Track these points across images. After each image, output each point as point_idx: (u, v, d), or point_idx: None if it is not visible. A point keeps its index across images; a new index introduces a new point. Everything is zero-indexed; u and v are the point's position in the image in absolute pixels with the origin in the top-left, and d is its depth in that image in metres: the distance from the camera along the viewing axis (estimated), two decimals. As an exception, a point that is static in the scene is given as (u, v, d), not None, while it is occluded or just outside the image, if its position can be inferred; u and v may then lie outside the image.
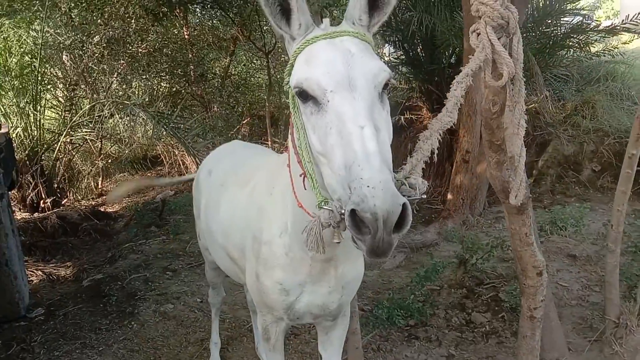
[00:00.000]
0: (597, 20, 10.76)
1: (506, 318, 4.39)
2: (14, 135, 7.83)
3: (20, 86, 8.27)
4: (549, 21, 7.67)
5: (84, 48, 8.77)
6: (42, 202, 8.43)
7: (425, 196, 1.61)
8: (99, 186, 10.42)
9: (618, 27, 7.77)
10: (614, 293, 3.61)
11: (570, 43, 8.05)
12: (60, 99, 9.44)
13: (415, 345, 4.13)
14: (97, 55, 8.82)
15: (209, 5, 9.12)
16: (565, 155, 7.26)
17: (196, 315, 4.80)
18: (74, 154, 9.63)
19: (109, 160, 10.28)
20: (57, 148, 8.67)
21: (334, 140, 1.43)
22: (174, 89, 10.50)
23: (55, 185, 8.99)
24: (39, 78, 8.37)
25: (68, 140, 8.91)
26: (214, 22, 9.79)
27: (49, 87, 9.11)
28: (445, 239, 6.12)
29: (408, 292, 4.72)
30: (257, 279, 2.19)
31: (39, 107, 8.44)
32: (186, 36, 10.34)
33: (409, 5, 7.21)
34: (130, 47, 9.44)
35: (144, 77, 10.00)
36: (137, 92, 9.87)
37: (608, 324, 3.72)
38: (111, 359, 4.16)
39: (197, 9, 10.00)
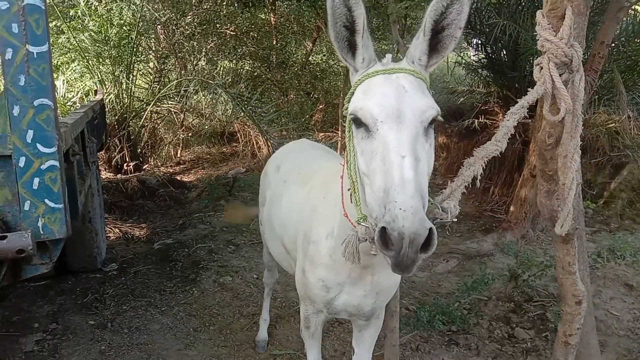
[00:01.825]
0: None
1: (549, 338, 4.40)
2: (107, 101, 8.46)
3: (117, 55, 8.88)
4: (646, 37, 7.33)
5: (177, 24, 9.29)
6: (125, 165, 9.10)
7: (456, 219, 1.78)
8: (178, 155, 11.07)
9: None
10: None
11: (665, 62, 7.65)
12: (150, 70, 10.06)
13: (454, 350, 4.25)
14: (188, 33, 9.31)
15: (296, -2, 9.38)
16: (640, 180, 7.01)
17: (251, 290, 5.14)
18: (158, 123, 10.26)
19: (190, 133, 10.87)
20: (144, 116, 9.29)
21: (377, 165, 1.61)
22: (255, 73, 10.89)
23: (139, 151, 9.65)
24: (134, 49, 8.97)
25: (154, 109, 9.52)
26: (302, 9, 10.00)
27: (142, 58, 9.74)
28: (501, 250, 6.12)
29: (453, 299, 4.83)
30: (303, 273, 2.43)
31: (131, 77, 9.06)
32: (273, 21, 10.68)
33: (494, 11, 7.12)
34: (219, 28, 9.88)
35: (228, 58, 10.44)
36: (221, 73, 10.33)
37: (651, 361, 3.68)
38: (171, 319, 4.57)
39: (285, 1, 10.28)
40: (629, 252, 4.53)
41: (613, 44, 6.70)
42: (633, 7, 6.92)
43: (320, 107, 11.71)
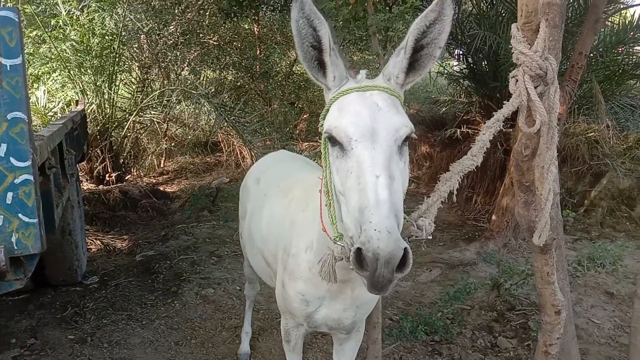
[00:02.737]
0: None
1: (532, 347, 4.42)
2: (88, 111, 8.38)
3: (99, 65, 8.81)
4: (621, 49, 7.46)
5: (160, 34, 9.26)
6: (107, 175, 9.00)
7: (431, 237, 1.78)
8: (161, 165, 11.00)
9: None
10: (639, 339, 3.59)
11: (641, 73, 7.79)
12: (133, 80, 10.01)
13: (436, 360, 4.25)
14: (171, 42, 9.29)
15: (278, 8, 9.40)
16: (620, 188, 7.09)
17: (233, 303, 5.10)
18: (141, 133, 10.19)
19: (173, 143, 10.81)
20: (127, 126, 9.22)
21: (352, 184, 1.60)
22: (239, 83, 10.88)
23: (121, 161, 9.56)
24: (117, 59, 8.91)
25: (137, 119, 9.45)
26: (285, 19, 10.04)
27: (124, 67, 9.69)
28: (484, 259, 6.15)
29: (436, 309, 4.83)
30: (283, 287, 2.41)
31: (113, 87, 9.00)
32: (256, 31, 10.69)
33: (475, 22, 7.21)
34: (202, 38, 9.87)
35: (211, 68, 10.42)
36: (204, 83, 10.30)
37: (631, 369, 3.71)
38: (152, 333, 4.51)
39: (268, 12, 10.31)
40: (608, 260, 4.58)
41: (591, 55, 6.80)
42: (609, 19, 7.05)
43: (305, 116, 11.73)
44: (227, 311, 4.93)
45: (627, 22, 7.27)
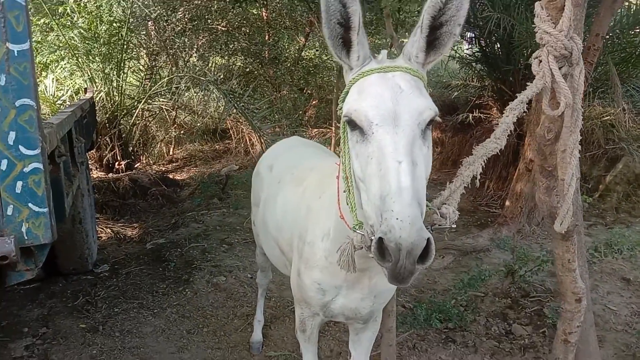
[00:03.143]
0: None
1: (547, 334, 4.36)
2: (97, 98, 8.35)
3: (107, 53, 8.77)
4: (638, 30, 7.28)
5: (168, 21, 9.18)
6: (117, 163, 8.99)
7: (455, 225, 1.70)
8: (170, 153, 10.97)
9: None
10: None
11: (660, 55, 7.61)
12: (141, 67, 9.95)
13: (451, 348, 4.20)
14: (179, 29, 9.21)
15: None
16: (635, 173, 6.96)
17: (245, 290, 5.07)
18: (150, 120, 10.16)
19: (182, 131, 10.77)
20: (135, 114, 9.18)
21: (373, 170, 1.53)
22: (248, 69, 10.79)
23: (130, 149, 9.55)
24: (125, 46, 8.85)
25: (146, 107, 9.41)
26: (294, 4, 9.91)
27: (133, 54, 9.63)
28: (497, 245, 6.08)
29: (450, 296, 4.78)
30: (299, 275, 2.35)
31: (122, 74, 8.95)
32: (265, 17, 10.57)
33: (488, 4, 7.04)
34: (211, 24, 9.77)
35: (220, 54, 10.34)
36: (213, 69, 10.22)
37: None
38: (164, 321, 4.49)
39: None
40: (626, 246, 4.49)
41: (608, 36, 6.64)
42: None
43: (314, 102, 11.63)
44: (239, 299, 4.91)
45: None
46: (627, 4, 7.00)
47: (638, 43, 7.43)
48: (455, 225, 1.70)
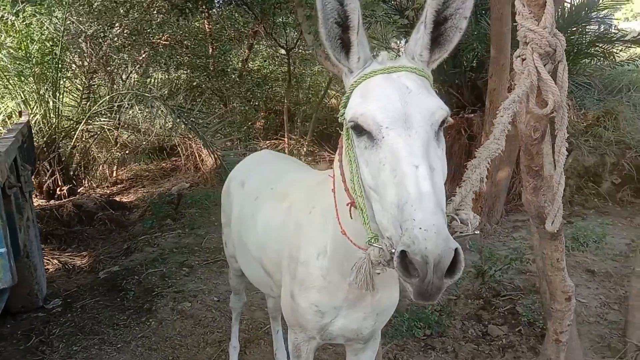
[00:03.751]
0: (616, 21, 10.55)
1: (523, 332, 4.38)
2: (33, 121, 7.84)
3: (41, 73, 8.25)
4: (574, 28, 7.57)
5: (104, 37, 8.76)
6: (58, 189, 8.45)
7: (478, 232, 1.59)
8: (114, 174, 10.46)
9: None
10: (637, 317, 3.58)
11: (595, 52, 7.94)
12: (79, 86, 9.44)
13: (431, 356, 4.13)
14: (117, 44, 8.81)
15: (233, 2, 9.06)
16: (585, 166, 7.20)
17: (213, 315, 4.81)
18: (90, 142, 9.63)
19: (126, 150, 10.30)
20: (75, 136, 8.67)
21: (386, 177, 1.41)
22: (194, 83, 10.48)
23: (72, 173, 9.00)
24: (59, 65, 8.36)
25: (85, 128, 8.90)
26: (236, 15, 9.72)
27: (68, 74, 9.12)
28: (462, 247, 6.08)
29: (426, 302, 4.71)
30: (292, 298, 2.18)
31: (58, 95, 8.45)
32: (208, 29, 10.31)
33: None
34: (152, 38, 9.42)
35: (163, 69, 9.98)
36: (157, 85, 9.84)
37: (629, 347, 3.71)
38: (129, 356, 4.18)
39: (221, 3, 9.97)
40: (591, 239, 4.57)
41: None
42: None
43: (262, 114, 11.42)
44: (208, 325, 4.65)
45: (580, 1, 7.38)
46: (567, 3, 7.26)
47: (575, 41, 7.73)
48: (478, 232, 1.58)
